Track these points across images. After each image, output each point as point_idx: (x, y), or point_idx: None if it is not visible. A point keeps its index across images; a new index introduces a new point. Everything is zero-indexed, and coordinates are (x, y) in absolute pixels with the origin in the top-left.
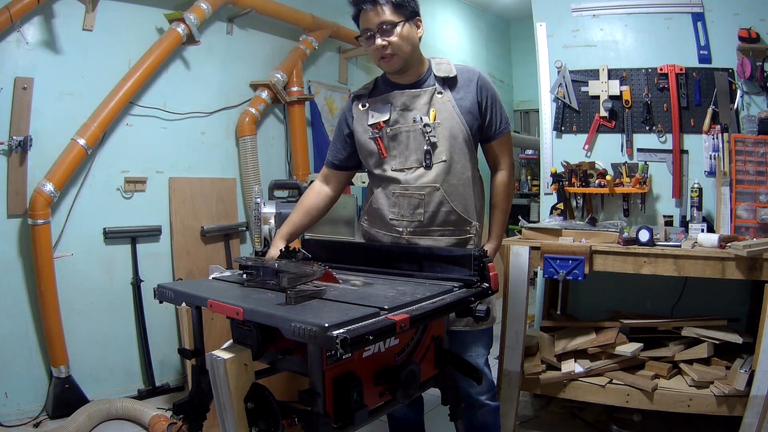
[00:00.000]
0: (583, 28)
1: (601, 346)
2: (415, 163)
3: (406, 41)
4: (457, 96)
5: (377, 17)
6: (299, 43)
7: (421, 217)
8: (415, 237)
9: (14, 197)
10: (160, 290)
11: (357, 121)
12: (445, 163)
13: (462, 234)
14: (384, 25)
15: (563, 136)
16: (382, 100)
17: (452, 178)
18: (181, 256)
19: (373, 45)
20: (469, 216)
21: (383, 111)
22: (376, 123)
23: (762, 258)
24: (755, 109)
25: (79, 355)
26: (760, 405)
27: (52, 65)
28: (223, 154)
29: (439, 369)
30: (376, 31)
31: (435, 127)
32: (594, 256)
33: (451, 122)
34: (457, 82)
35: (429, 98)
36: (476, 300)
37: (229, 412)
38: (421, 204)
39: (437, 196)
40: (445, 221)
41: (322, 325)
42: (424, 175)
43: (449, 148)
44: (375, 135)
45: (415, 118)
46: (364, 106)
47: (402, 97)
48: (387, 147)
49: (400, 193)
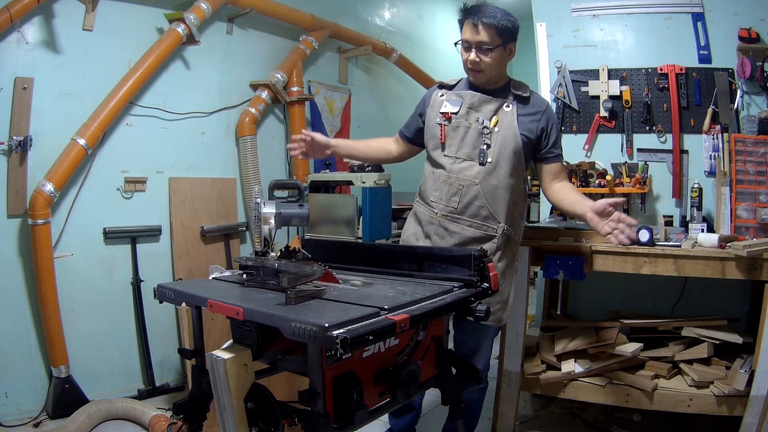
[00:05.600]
0: (583, 28)
1: (601, 346)
2: (465, 156)
3: (497, 62)
4: (522, 112)
5: (479, 35)
6: (299, 43)
7: (456, 204)
8: (446, 221)
9: (14, 197)
10: (160, 290)
11: (432, 106)
12: (491, 164)
13: (488, 230)
14: (483, 44)
15: (563, 136)
16: (457, 95)
17: (492, 179)
18: (181, 256)
19: (468, 57)
20: (498, 216)
21: (455, 104)
22: (445, 112)
23: (762, 258)
24: (755, 109)
25: (79, 355)
26: (760, 405)
27: (52, 65)
28: (223, 154)
29: (439, 369)
30: (474, 46)
31: (492, 131)
32: (594, 256)
33: (508, 132)
34: (529, 102)
35: (497, 107)
36: (476, 300)
37: (229, 412)
38: (458, 193)
39: (474, 190)
40: (476, 214)
41: (322, 325)
42: (468, 169)
43: (498, 153)
44: (441, 122)
45: (478, 119)
46: (442, 96)
47: (474, 98)
48: (447, 135)
49: (444, 179)
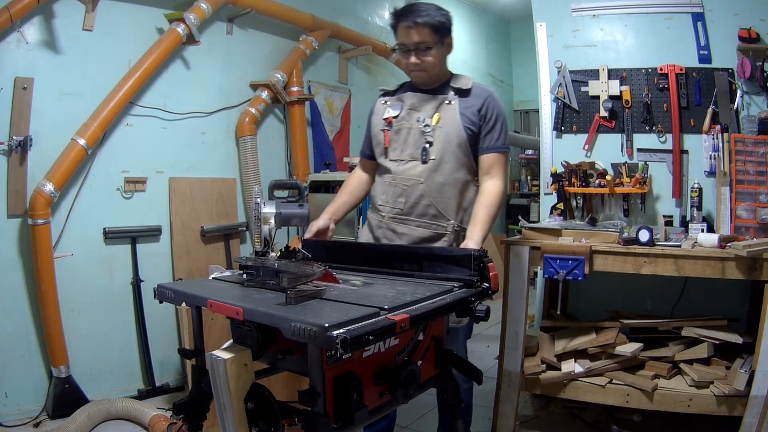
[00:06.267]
0: (583, 28)
1: (601, 346)
2: (408, 157)
3: (437, 60)
4: (464, 105)
5: (416, 36)
6: (299, 43)
7: (402, 205)
8: (394, 223)
9: (14, 197)
10: (160, 290)
11: (376, 114)
12: (434, 161)
13: (437, 228)
14: (420, 45)
15: (563, 136)
16: (398, 99)
17: (438, 177)
18: (181, 256)
19: (408, 60)
20: (448, 214)
21: (396, 108)
22: (387, 117)
23: (762, 258)
24: (755, 109)
25: (79, 355)
26: (760, 405)
27: (52, 65)
28: (223, 154)
29: (439, 369)
30: (412, 48)
31: (435, 129)
32: (594, 256)
33: (451, 127)
34: (470, 94)
35: (438, 104)
36: (476, 300)
37: (229, 412)
38: (403, 194)
39: (419, 189)
40: (424, 213)
41: (322, 325)
42: (412, 169)
43: (442, 149)
44: (384, 128)
45: (419, 118)
46: (385, 103)
47: (413, 98)
48: (390, 139)
49: (389, 181)
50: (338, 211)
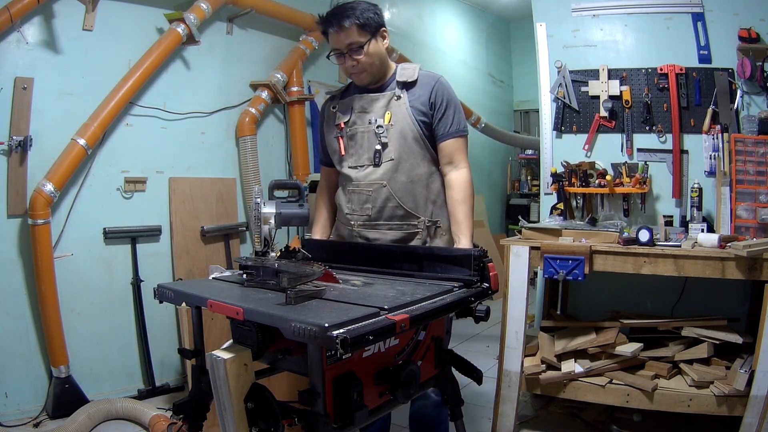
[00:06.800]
0: (583, 28)
1: (601, 346)
2: (367, 161)
3: (373, 57)
4: (412, 97)
5: (345, 38)
6: (299, 43)
7: (369, 211)
8: (365, 230)
9: (14, 197)
10: (160, 290)
11: (327, 121)
12: (393, 161)
13: (409, 228)
14: (352, 45)
15: (563, 136)
16: (346, 103)
17: (400, 176)
18: (181, 256)
19: (345, 64)
20: (417, 212)
21: (345, 112)
22: (338, 123)
23: (762, 258)
24: (755, 109)
25: (79, 355)
26: (760, 405)
27: (52, 65)
28: (223, 154)
29: (439, 369)
30: (345, 51)
31: (388, 128)
32: (594, 256)
33: (404, 123)
34: (416, 84)
35: (387, 102)
36: (476, 300)
37: (229, 412)
38: (368, 199)
39: (384, 192)
40: (392, 216)
41: (322, 325)
42: (372, 173)
43: (398, 147)
44: (337, 135)
45: (370, 120)
46: (334, 108)
47: (361, 100)
48: (346, 146)
49: (352, 189)
50: (322, 233)
